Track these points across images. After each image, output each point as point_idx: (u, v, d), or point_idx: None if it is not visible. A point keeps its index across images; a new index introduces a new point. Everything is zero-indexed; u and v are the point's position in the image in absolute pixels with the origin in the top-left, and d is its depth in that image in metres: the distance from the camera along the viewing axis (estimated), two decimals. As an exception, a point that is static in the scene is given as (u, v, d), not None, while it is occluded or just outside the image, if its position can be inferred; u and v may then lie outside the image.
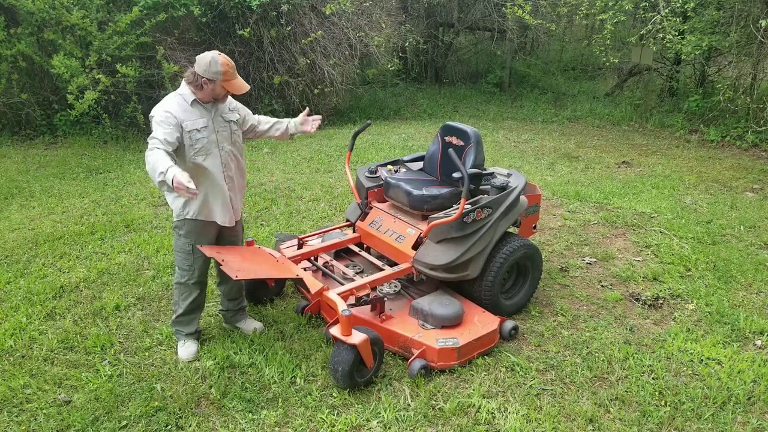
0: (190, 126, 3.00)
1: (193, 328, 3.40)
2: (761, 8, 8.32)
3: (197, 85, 3.01)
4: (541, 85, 13.99)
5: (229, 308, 3.59)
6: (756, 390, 3.15)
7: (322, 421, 2.87)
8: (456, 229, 3.44)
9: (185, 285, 3.30)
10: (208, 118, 3.09)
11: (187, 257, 3.24)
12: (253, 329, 3.56)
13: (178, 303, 3.34)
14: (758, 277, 4.48)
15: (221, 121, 3.16)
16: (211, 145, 3.09)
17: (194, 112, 3.04)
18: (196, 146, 3.03)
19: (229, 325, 3.65)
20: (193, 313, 3.39)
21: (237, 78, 3.08)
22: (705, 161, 8.07)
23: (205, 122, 3.06)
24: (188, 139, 3.00)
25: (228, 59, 3.02)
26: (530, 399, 3.06)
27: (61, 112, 8.27)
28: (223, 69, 2.97)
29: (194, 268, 3.27)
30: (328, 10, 8.97)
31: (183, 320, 3.37)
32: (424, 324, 3.38)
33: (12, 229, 5.16)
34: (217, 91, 3.03)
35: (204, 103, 3.09)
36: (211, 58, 2.96)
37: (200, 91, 3.03)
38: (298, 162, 7.52)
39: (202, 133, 3.04)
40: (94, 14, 7.72)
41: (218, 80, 2.98)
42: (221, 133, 3.15)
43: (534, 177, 7.09)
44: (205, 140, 3.05)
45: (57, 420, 2.85)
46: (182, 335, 3.39)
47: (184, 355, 3.32)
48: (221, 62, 2.97)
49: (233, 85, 3.06)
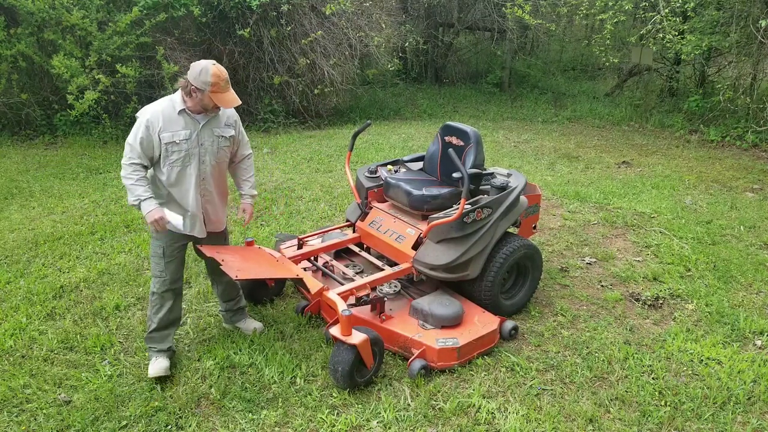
0: (168, 138, 2.91)
1: (166, 345, 3.21)
2: (761, 8, 8.32)
3: (187, 92, 2.91)
4: (541, 85, 13.99)
5: (227, 309, 3.58)
6: (756, 390, 3.16)
7: (322, 421, 2.87)
8: (456, 229, 3.44)
9: (157, 295, 3.15)
10: (192, 130, 2.97)
11: (159, 261, 3.12)
12: (253, 329, 3.55)
13: (150, 318, 3.19)
14: (758, 277, 4.48)
15: (209, 135, 3.04)
16: (189, 157, 2.99)
17: (178, 121, 2.94)
18: (171, 158, 2.95)
19: (229, 325, 3.64)
20: (167, 328, 3.22)
21: (228, 92, 2.94)
22: (705, 161, 8.07)
23: (187, 134, 2.95)
24: (164, 150, 2.93)
25: (221, 70, 2.89)
26: (530, 399, 3.06)
27: (61, 112, 8.27)
28: (213, 80, 2.84)
29: (165, 274, 3.13)
30: (328, 10, 8.97)
31: (156, 336, 3.19)
32: (424, 324, 3.38)
33: (12, 229, 5.16)
34: (205, 101, 2.91)
35: (193, 113, 2.97)
36: (203, 66, 2.85)
37: (189, 98, 2.93)
38: (298, 162, 7.52)
39: (180, 145, 2.94)
40: (94, 14, 7.72)
41: (206, 90, 2.85)
42: (205, 146, 3.03)
43: (534, 177, 7.09)
44: (182, 152, 2.96)
45: (57, 420, 2.85)
46: (154, 351, 3.20)
47: (153, 370, 3.10)
48: (212, 72, 2.84)
49: (221, 98, 2.92)
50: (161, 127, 2.90)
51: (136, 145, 2.88)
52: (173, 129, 2.93)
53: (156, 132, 2.89)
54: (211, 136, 3.05)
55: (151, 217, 2.91)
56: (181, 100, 2.95)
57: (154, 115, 2.89)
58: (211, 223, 3.24)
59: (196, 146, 3.01)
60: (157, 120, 2.89)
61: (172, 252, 3.13)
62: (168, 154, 2.94)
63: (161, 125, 2.90)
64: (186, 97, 2.94)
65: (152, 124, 2.88)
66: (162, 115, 2.91)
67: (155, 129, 2.89)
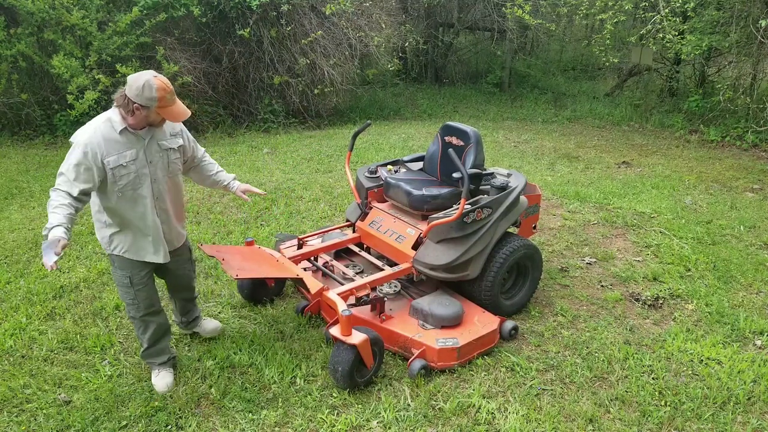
0: (113, 162, 2.63)
1: (165, 357, 3.13)
2: (761, 8, 8.32)
3: (128, 110, 2.61)
4: (541, 85, 13.99)
5: (183, 321, 3.47)
6: (756, 390, 3.16)
7: (322, 421, 2.87)
8: (456, 229, 3.44)
9: (138, 319, 3.01)
10: (138, 148, 2.71)
11: (128, 290, 2.93)
12: (212, 328, 3.49)
13: (140, 338, 3.08)
14: (758, 277, 4.48)
15: (156, 150, 2.79)
16: (140, 178, 2.74)
17: (121, 142, 2.66)
18: (120, 182, 2.68)
19: (187, 331, 3.53)
20: (159, 343, 3.11)
21: (176, 104, 2.69)
22: (705, 161, 8.07)
23: (133, 154, 2.69)
24: (111, 176, 2.64)
25: (166, 83, 2.62)
26: (530, 399, 3.06)
27: (61, 112, 8.27)
28: (159, 94, 2.58)
29: (138, 300, 2.95)
30: (328, 10, 8.97)
31: (151, 352, 3.10)
32: (424, 324, 3.38)
33: (12, 229, 5.16)
34: (151, 118, 2.66)
35: (136, 130, 2.70)
36: (145, 81, 2.55)
37: (131, 116, 2.63)
38: (298, 162, 7.52)
39: (129, 167, 2.68)
40: (94, 14, 7.72)
41: (152, 107, 2.60)
42: (154, 163, 2.79)
43: (534, 177, 7.09)
44: (132, 175, 2.70)
45: (57, 420, 2.85)
46: (155, 365, 3.13)
47: (160, 386, 3.07)
48: (157, 87, 2.57)
49: (170, 112, 2.67)
50: (104, 152, 2.60)
51: (70, 174, 2.56)
52: (117, 151, 2.64)
53: (98, 158, 2.59)
54: (159, 150, 2.80)
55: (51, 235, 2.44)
56: (120, 118, 2.66)
57: (93, 140, 2.58)
58: (170, 243, 3.00)
59: (145, 165, 2.75)
60: (98, 144, 2.59)
61: (140, 280, 2.93)
62: (116, 179, 2.66)
63: (103, 150, 2.60)
64: (126, 115, 2.65)
65: (92, 150, 2.57)
66: (102, 138, 2.61)
67: (96, 155, 2.58)
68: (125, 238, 2.84)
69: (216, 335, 3.51)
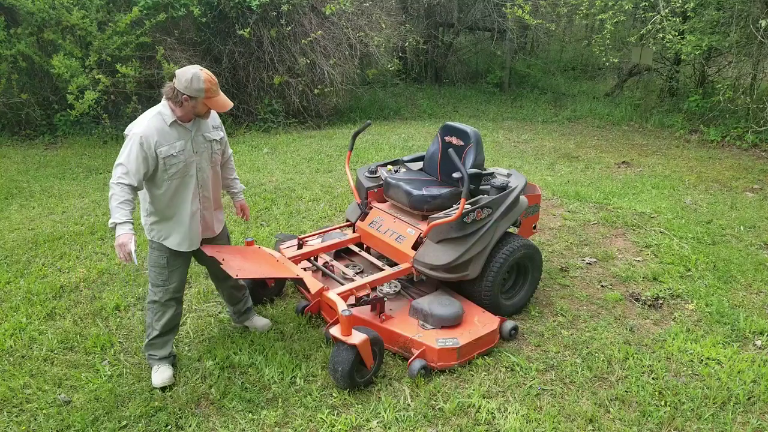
0: (165, 152, 2.83)
1: (166, 352, 3.19)
2: (761, 8, 8.32)
3: (177, 101, 2.82)
4: (541, 85, 13.99)
5: (235, 311, 3.60)
6: (756, 390, 3.16)
7: (322, 421, 2.87)
8: (456, 229, 3.44)
9: (159, 304, 3.10)
10: (186, 139, 2.92)
11: (162, 271, 3.07)
12: (261, 326, 3.59)
13: (151, 325, 3.14)
14: (758, 277, 4.48)
15: (202, 141, 2.99)
16: (187, 167, 2.94)
17: (172, 134, 2.86)
18: (170, 171, 2.88)
19: (238, 324, 3.65)
20: (168, 334, 3.18)
21: (220, 95, 2.89)
22: (705, 161, 8.07)
23: (182, 145, 2.89)
24: (162, 165, 2.85)
25: (211, 75, 2.84)
26: (530, 399, 3.06)
27: (61, 112, 8.27)
28: (206, 86, 2.79)
29: (169, 283, 3.08)
30: (328, 10, 8.97)
31: (157, 342, 3.15)
32: (424, 324, 3.38)
33: (12, 229, 5.16)
34: (198, 108, 2.86)
35: (184, 122, 2.91)
36: (193, 74, 2.77)
37: (180, 108, 2.84)
38: (298, 162, 7.52)
39: (179, 157, 2.88)
40: (94, 14, 7.72)
41: (200, 98, 2.81)
42: (200, 153, 2.99)
43: (534, 177, 7.09)
44: (181, 164, 2.90)
45: (57, 420, 2.85)
46: (155, 360, 3.16)
47: (158, 380, 3.09)
48: (204, 78, 2.78)
49: (216, 103, 2.89)
50: (157, 142, 2.81)
51: (130, 165, 2.76)
52: (168, 142, 2.85)
53: (152, 148, 2.79)
54: (204, 141, 3.00)
55: (118, 240, 2.74)
56: (170, 111, 2.86)
57: (147, 131, 2.79)
58: (208, 229, 3.19)
59: (192, 155, 2.95)
60: (152, 135, 2.80)
61: (175, 261, 3.08)
62: (166, 168, 2.86)
63: (156, 140, 2.81)
64: (175, 107, 2.85)
65: (147, 141, 2.78)
66: (155, 130, 2.81)
67: (151, 145, 2.79)
68: (165, 226, 3.02)
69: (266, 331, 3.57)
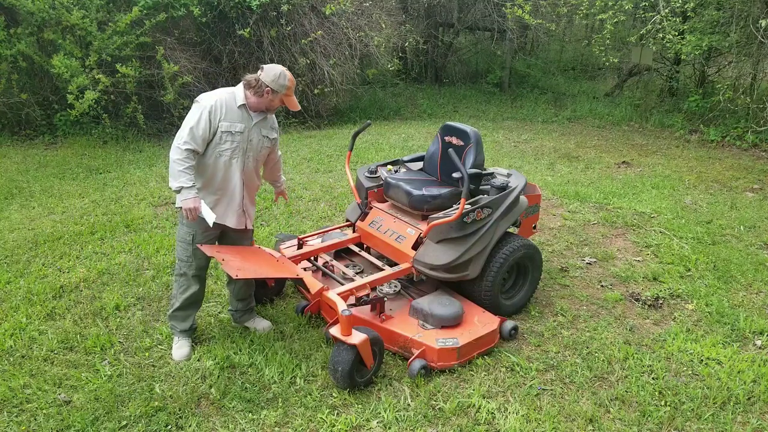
0: (226, 127, 3.06)
1: (187, 325, 3.39)
2: (761, 8, 8.32)
3: (258, 92, 3.08)
4: (541, 85, 13.99)
5: (238, 308, 3.61)
6: (756, 390, 3.16)
7: (322, 421, 2.87)
8: (456, 229, 3.44)
9: (184, 276, 3.30)
10: (247, 125, 3.15)
11: (187, 248, 3.24)
12: (262, 327, 3.59)
13: (176, 296, 3.35)
14: (758, 277, 4.48)
15: (257, 133, 3.22)
16: (238, 151, 3.14)
17: (237, 114, 3.10)
18: (222, 146, 3.09)
19: (238, 324, 3.65)
20: (190, 308, 3.39)
21: (294, 96, 3.22)
22: (705, 161, 8.07)
23: (242, 128, 3.12)
24: (219, 138, 3.06)
25: (292, 77, 3.16)
26: (530, 399, 3.06)
27: (61, 112, 8.26)
28: (289, 84, 3.12)
29: (192, 260, 3.26)
30: (328, 10, 8.97)
31: (179, 315, 3.36)
32: (424, 324, 3.38)
33: (12, 229, 5.16)
34: (275, 102, 3.14)
35: (251, 111, 3.15)
36: (281, 71, 3.09)
37: (258, 98, 3.09)
38: (298, 162, 7.52)
39: (235, 137, 3.10)
40: (94, 14, 7.72)
41: (281, 93, 3.10)
42: (253, 143, 3.21)
43: (534, 177, 7.09)
44: (234, 144, 3.11)
45: (57, 420, 2.85)
46: (177, 331, 3.39)
47: (177, 355, 3.33)
48: (289, 77, 3.12)
49: (291, 101, 3.20)
50: (222, 115, 3.04)
51: (198, 129, 2.98)
52: (232, 119, 3.08)
53: (216, 119, 3.03)
54: (258, 134, 3.23)
55: (187, 204, 2.98)
56: (243, 95, 3.11)
57: (218, 103, 3.04)
58: (249, 218, 3.38)
59: (246, 141, 3.17)
60: (221, 107, 3.04)
61: (200, 239, 3.23)
62: (221, 141, 3.07)
63: (223, 113, 3.04)
64: (252, 95, 3.10)
65: (214, 111, 3.02)
66: (225, 104, 3.06)
67: (216, 116, 3.02)
68: (206, 195, 3.16)
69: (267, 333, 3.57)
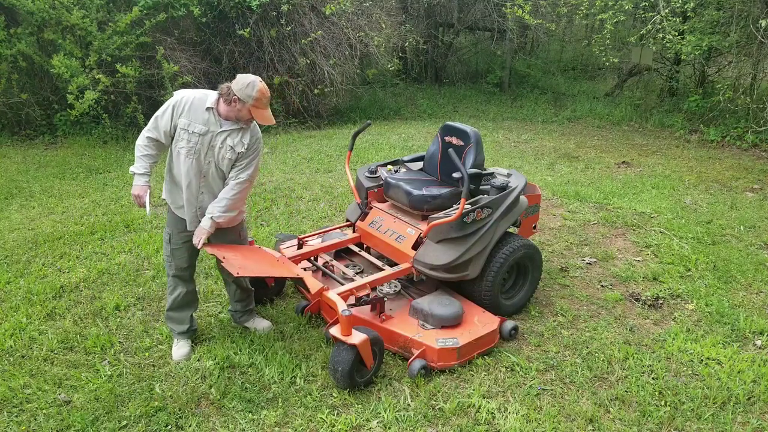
0: (183, 124, 3.03)
1: (184, 327, 3.39)
2: (761, 8, 8.32)
3: (227, 99, 3.00)
4: (541, 85, 13.99)
5: (237, 309, 3.61)
6: (756, 390, 3.16)
7: (322, 421, 2.87)
8: (456, 229, 3.44)
9: (170, 278, 3.34)
10: (212, 129, 3.04)
11: (166, 246, 3.29)
12: (262, 327, 3.59)
13: (167, 296, 3.39)
14: (758, 277, 4.48)
15: (221, 140, 3.06)
16: (193, 152, 3.06)
17: (201, 115, 3.03)
18: (180, 143, 3.06)
19: (238, 324, 3.66)
20: (182, 310, 3.38)
21: (267, 109, 3.08)
22: (705, 161, 8.07)
23: (202, 130, 3.03)
24: (177, 134, 3.06)
25: (266, 89, 3.04)
26: (530, 399, 3.06)
27: (61, 112, 8.26)
28: (257, 95, 2.98)
29: (171, 260, 3.28)
30: (328, 10, 8.96)
31: (173, 316, 3.38)
32: (424, 324, 3.38)
33: (12, 229, 5.16)
34: (242, 113, 3.02)
35: (221, 117, 3.05)
36: (251, 80, 2.98)
37: (227, 105, 3.02)
38: (298, 162, 7.52)
39: (192, 137, 3.03)
40: (94, 14, 7.71)
41: (248, 103, 2.98)
42: (214, 149, 3.08)
43: (534, 177, 7.09)
44: (191, 144, 3.04)
45: (57, 420, 2.85)
46: (175, 333, 3.41)
47: (176, 355, 3.33)
48: (258, 89, 2.98)
49: (261, 114, 3.06)
50: (183, 112, 3.03)
51: (161, 120, 3.04)
52: (193, 119, 3.04)
53: (178, 114, 3.03)
54: (224, 143, 3.08)
55: (133, 190, 3.14)
56: (215, 100, 3.05)
57: (184, 99, 3.04)
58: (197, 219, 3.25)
59: (206, 145, 3.07)
60: (186, 104, 3.03)
61: (177, 240, 3.25)
62: (178, 138, 3.06)
63: (185, 110, 3.03)
64: (223, 103, 3.03)
65: (178, 106, 3.03)
66: (192, 103, 3.04)
67: (178, 111, 3.03)
68: (170, 186, 3.22)
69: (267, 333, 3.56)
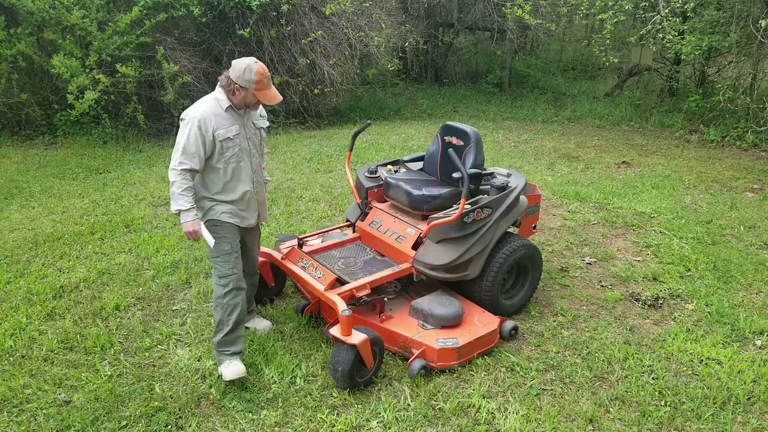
0: (223, 135, 2.96)
1: (239, 347, 3.13)
2: (761, 8, 8.32)
3: (230, 90, 2.96)
4: (541, 85, 13.99)
5: None
6: (756, 390, 3.16)
7: (322, 421, 2.87)
8: (456, 229, 3.44)
9: (231, 295, 3.06)
10: (240, 124, 3.05)
11: (228, 258, 3.07)
12: (262, 327, 3.58)
13: (223, 321, 3.06)
14: (758, 277, 4.48)
15: (252, 128, 3.14)
16: (242, 152, 3.06)
17: (228, 118, 2.99)
18: (227, 154, 3.00)
19: None
20: (239, 327, 3.13)
21: (271, 88, 3.01)
22: (705, 161, 8.07)
23: (237, 129, 3.02)
24: (220, 147, 2.97)
25: (264, 68, 2.95)
26: (530, 399, 3.06)
27: (61, 112, 8.26)
28: (257, 78, 2.91)
29: (236, 269, 3.10)
30: (328, 10, 8.96)
31: (229, 339, 3.08)
32: (424, 324, 3.38)
33: (12, 229, 5.16)
34: (248, 99, 2.98)
35: (237, 109, 3.04)
36: (247, 65, 2.90)
37: (233, 96, 2.98)
38: (298, 162, 7.52)
39: (235, 141, 3.01)
40: (94, 14, 7.71)
41: (251, 88, 2.93)
42: (252, 140, 3.14)
43: (534, 177, 7.09)
44: (237, 148, 3.02)
45: (57, 420, 2.85)
46: (227, 355, 3.08)
47: (230, 373, 3.01)
48: (256, 70, 2.90)
49: (266, 95, 3.00)
50: (215, 125, 2.94)
51: (190, 147, 2.89)
52: (225, 125, 2.98)
53: (210, 131, 2.92)
54: (254, 128, 3.15)
55: (186, 227, 2.94)
56: (225, 97, 3.00)
57: (204, 114, 2.92)
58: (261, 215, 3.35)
59: (246, 140, 3.09)
60: (210, 118, 2.93)
61: (236, 247, 3.15)
62: (224, 150, 2.99)
63: (214, 123, 2.94)
64: (229, 95, 2.99)
65: (204, 124, 2.91)
66: (212, 113, 2.95)
67: (208, 128, 2.92)
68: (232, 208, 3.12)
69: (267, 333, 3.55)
